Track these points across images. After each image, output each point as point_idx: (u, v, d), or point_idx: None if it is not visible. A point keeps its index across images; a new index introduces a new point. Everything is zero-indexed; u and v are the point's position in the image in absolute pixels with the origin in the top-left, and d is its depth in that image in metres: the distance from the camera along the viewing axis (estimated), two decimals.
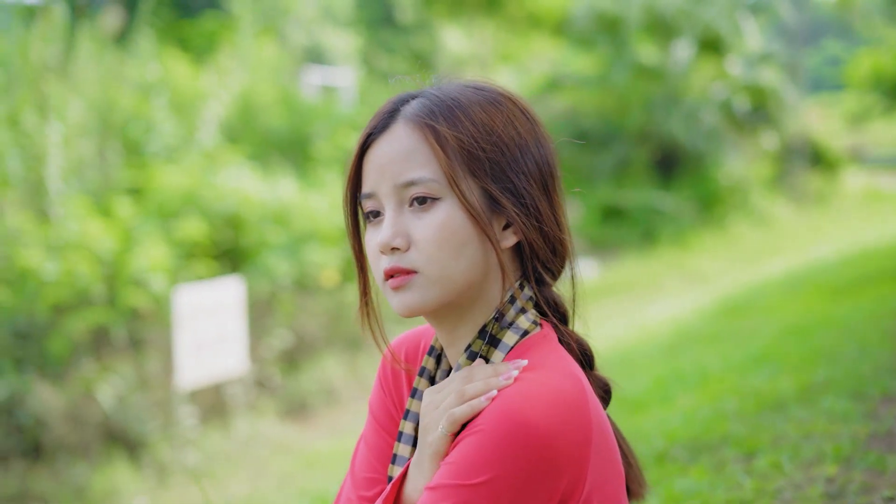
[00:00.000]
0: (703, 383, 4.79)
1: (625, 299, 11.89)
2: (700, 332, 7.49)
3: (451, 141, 1.89)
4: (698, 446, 3.59)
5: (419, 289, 1.90)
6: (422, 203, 1.89)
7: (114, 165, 11.80)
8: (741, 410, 3.96)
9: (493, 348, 1.93)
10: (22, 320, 10.17)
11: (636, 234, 14.83)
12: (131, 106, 12.25)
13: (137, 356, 10.39)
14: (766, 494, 3.05)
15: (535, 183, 1.95)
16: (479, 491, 1.73)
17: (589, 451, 1.79)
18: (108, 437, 9.80)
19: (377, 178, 1.93)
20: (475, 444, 1.76)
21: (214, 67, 13.96)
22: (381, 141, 1.95)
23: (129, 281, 10.37)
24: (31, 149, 11.03)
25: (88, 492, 9.08)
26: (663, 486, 3.23)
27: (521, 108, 2.00)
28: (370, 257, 1.97)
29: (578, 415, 1.79)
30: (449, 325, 1.97)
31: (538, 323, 1.97)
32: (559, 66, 18.22)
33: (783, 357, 5.20)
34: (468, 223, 1.89)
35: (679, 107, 16.03)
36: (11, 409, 9.65)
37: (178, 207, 11.22)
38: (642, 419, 4.33)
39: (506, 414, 1.75)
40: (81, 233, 10.36)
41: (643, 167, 16.04)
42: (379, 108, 2.00)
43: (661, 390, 4.94)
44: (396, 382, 2.18)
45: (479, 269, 1.92)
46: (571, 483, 1.77)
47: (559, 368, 1.85)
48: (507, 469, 1.73)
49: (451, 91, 1.97)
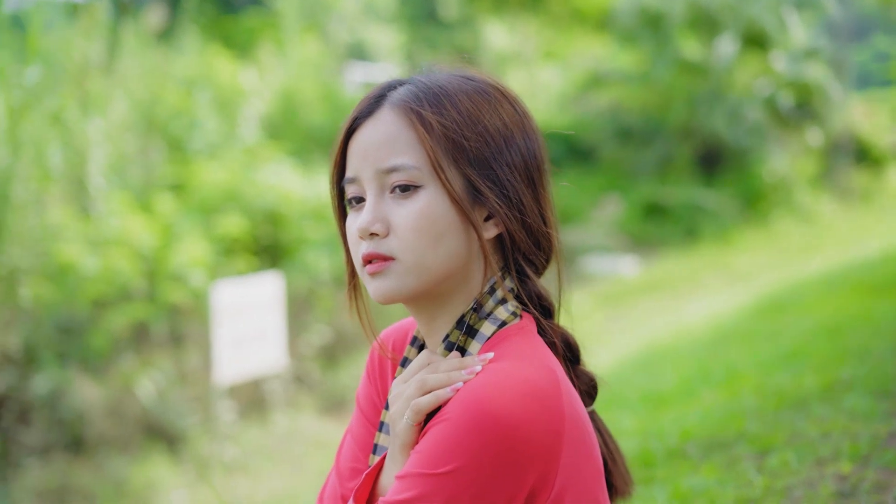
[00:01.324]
0: (729, 381, 4.75)
1: (665, 297, 11.82)
2: (737, 331, 7.44)
3: (435, 128, 1.88)
4: (712, 444, 3.56)
5: (396, 276, 1.89)
6: (403, 190, 1.88)
7: (156, 162, 11.89)
8: (760, 408, 3.93)
9: (470, 338, 1.92)
10: (64, 315, 10.27)
11: (678, 232, 14.74)
12: (174, 102, 12.34)
13: (177, 351, 10.47)
14: (776, 492, 3.02)
15: (520, 175, 1.93)
16: (445, 480, 1.72)
17: (560, 444, 1.77)
18: (147, 432, 9.87)
19: (360, 164, 1.93)
20: (441, 433, 1.75)
21: (257, 64, 14.02)
22: (366, 126, 1.94)
23: (169, 276, 10.45)
24: (73, 145, 11.12)
25: (128, 485, 9.16)
26: (672, 484, 3.22)
27: (510, 100, 1.99)
28: (350, 242, 1.96)
29: (549, 407, 1.77)
30: (428, 315, 1.96)
31: (518, 315, 1.95)
32: (602, 62, 18.14)
33: (811, 355, 5.15)
34: (449, 212, 1.88)
35: (723, 103, 15.91)
36: (54, 403, 9.74)
37: (219, 203, 11.29)
38: (662, 416, 4.31)
39: (472, 403, 1.74)
40: (122, 228, 10.44)
41: (686, 164, 15.95)
42: (367, 93, 2.00)
43: (686, 387, 4.91)
44: (383, 373, 2.18)
45: (459, 259, 1.90)
46: (541, 476, 1.76)
47: (532, 359, 1.84)
48: (473, 459, 1.71)
49: (439, 79, 1.96)
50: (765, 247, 14.06)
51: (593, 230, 14.89)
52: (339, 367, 11.07)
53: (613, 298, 12.19)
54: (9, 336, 10.11)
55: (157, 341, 10.49)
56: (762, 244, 14.21)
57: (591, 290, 12.70)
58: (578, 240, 14.62)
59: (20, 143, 10.66)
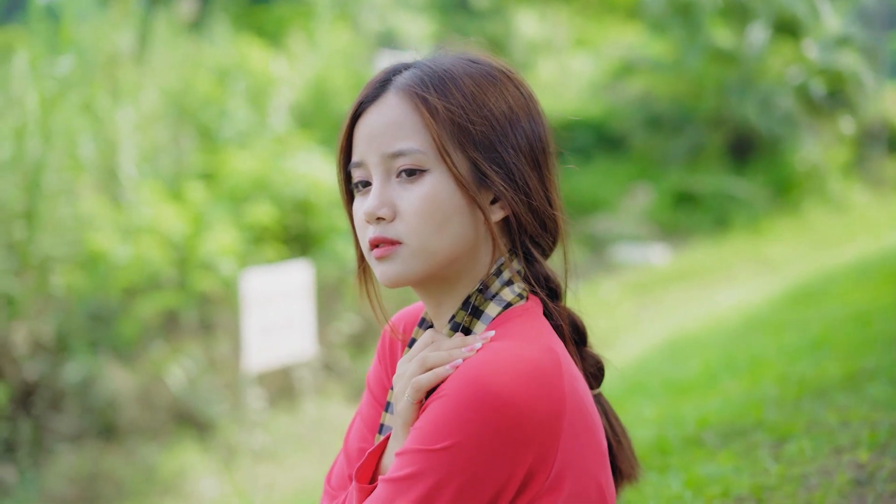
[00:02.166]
0: (752, 369, 4.74)
1: (695, 286, 11.79)
2: (764, 320, 7.41)
3: (440, 112, 1.89)
4: (730, 431, 3.56)
5: (403, 260, 1.90)
6: (409, 174, 1.90)
7: (186, 151, 11.95)
8: (781, 396, 3.91)
9: (475, 319, 1.93)
10: (95, 303, 10.34)
11: (709, 221, 14.67)
12: (205, 92, 12.38)
13: (207, 339, 10.53)
14: (791, 480, 3.02)
15: (525, 158, 1.94)
16: (442, 456, 1.73)
17: (560, 425, 1.78)
18: (177, 419, 9.94)
19: (366, 148, 1.94)
20: (438, 409, 1.76)
21: (287, 53, 14.06)
22: (371, 110, 1.95)
23: (199, 265, 10.51)
24: (105, 135, 11.19)
25: (158, 472, 9.22)
26: (686, 471, 3.22)
27: (515, 82, 2.00)
28: (357, 226, 1.97)
29: (549, 387, 1.77)
30: (436, 298, 1.98)
31: (524, 297, 1.96)
32: (633, 50, 18.07)
33: (837, 344, 5.13)
34: (455, 196, 1.89)
35: (754, 91, 15.82)
36: (85, 391, 9.82)
37: (249, 192, 11.33)
38: (683, 403, 4.30)
39: (470, 380, 1.75)
40: (153, 217, 10.51)
41: (717, 152, 15.87)
42: (372, 77, 2.00)
43: (708, 376, 4.90)
44: (393, 356, 2.20)
45: (465, 243, 1.92)
46: (540, 456, 1.76)
47: (534, 340, 1.85)
48: (469, 435, 1.72)
49: (444, 62, 1.97)
50: (796, 236, 13.99)
51: (623, 219, 14.85)
52: (368, 355, 11.09)
53: (643, 287, 12.16)
54: (41, 324, 10.20)
55: (187, 329, 10.55)
56: (793, 233, 14.13)
57: (620, 279, 12.67)
58: (608, 228, 14.58)
59: (52, 133, 10.73)
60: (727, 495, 3.00)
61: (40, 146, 10.58)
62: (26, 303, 10.12)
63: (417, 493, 1.74)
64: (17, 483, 9.09)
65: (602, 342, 8.44)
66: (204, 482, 8.87)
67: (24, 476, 9.15)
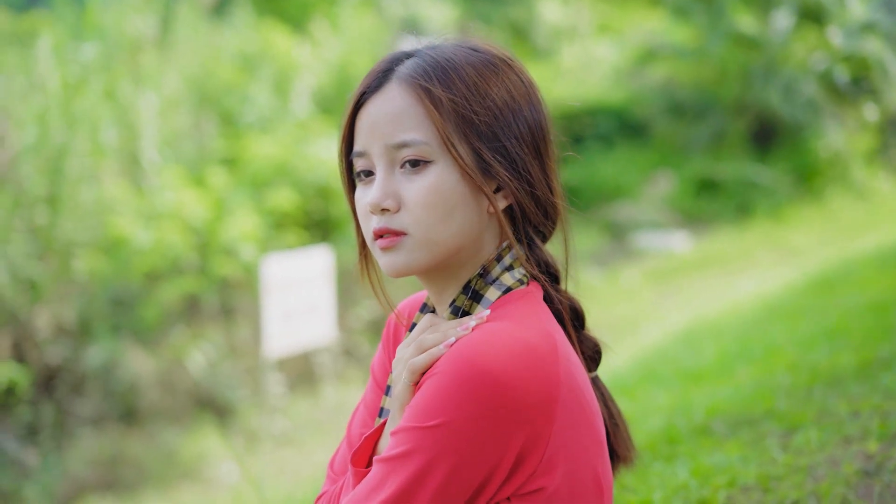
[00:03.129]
0: (766, 358, 4.73)
1: (717, 274, 11.75)
2: (783, 307, 7.38)
3: (444, 103, 1.90)
4: (740, 421, 3.55)
5: (408, 251, 1.92)
6: (414, 165, 1.91)
7: (209, 136, 11.97)
8: (792, 385, 3.90)
9: (475, 303, 1.95)
10: (117, 288, 10.39)
11: (731, 208, 14.62)
12: (227, 77, 12.40)
13: (227, 324, 10.58)
14: (798, 470, 3.02)
15: (528, 147, 1.95)
16: (435, 433, 1.74)
17: (554, 408, 1.78)
18: (198, 404, 9.99)
19: (369, 138, 1.95)
20: (431, 387, 1.78)
21: (310, 39, 14.06)
22: (374, 100, 1.96)
23: (221, 250, 10.54)
24: (127, 120, 11.23)
25: (178, 456, 9.27)
26: (694, 460, 3.22)
27: (516, 70, 2.01)
28: (360, 215, 1.99)
29: (543, 369, 1.79)
30: (438, 285, 2.00)
31: (524, 282, 1.98)
32: (656, 36, 17.99)
33: (852, 332, 5.11)
34: (459, 187, 1.90)
35: (777, 77, 15.71)
36: (107, 375, 9.88)
37: (271, 177, 11.35)
38: (694, 392, 4.30)
39: (463, 358, 1.76)
40: (175, 202, 10.54)
41: (739, 139, 15.79)
42: (373, 67, 2.01)
43: (723, 364, 4.89)
44: (397, 343, 2.22)
45: (470, 232, 1.93)
46: (532, 437, 1.77)
47: (531, 322, 1.86)
48: (461, 413, 1.74)
49: (446, 51, 1.98)
50: (819, 223, 13.92)
51: (645, 206, 14.81)
52: None
53: (664, 275, 12.13)
54: (64, 308, 10.26)
55: (208, 314, 10.60)
56: (816, 221, 14.06)
57: (641, 266, 12.65)
58: (630, 215, 14.55)
59: (75, 118, 10.77)
60: (733, 485, 3.01)
61: (63, 131, 10.63)
62: (49, 287, 10.18)
63: (410, 471, 1.75)
64: (39, 466, 9.15)
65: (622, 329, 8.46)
66: (224, 467, 8.91)
67: (47, 459, 9.22)
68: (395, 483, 1.76)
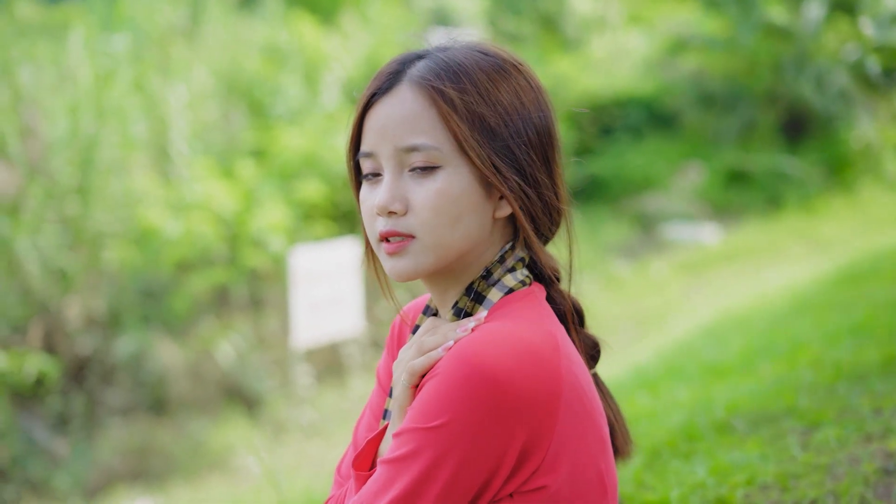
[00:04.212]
0: (790, 353, 4.70)
1: (746, 266, 11.69)
2: (810, 301, 7.32)
3: (459, 108, 1.89)
4: (760, 417, 3.53)
5: (414, 255, 1.91)
6: (422, 169, 1.90)
7: (238, 128, 12.01)
8: (815, 382, 3.87)
9: (477, 304, 1.95)
10: (146, 279, 10.46)
11: (761, 199, 14.50)
12: (257, 69, 12.43)
13: (256, 315, 10.62)
14: (817, 468, 3.00)
15: (536, 152, 1.95)
16: (437, 434, 1.75)
17: (556, 406, 1.79)
18: (226, 394, 10.04)
19: (378, 140, 1.94)
20: (432, 388, 1.78)
21: (339, 30, 14.07)
22: (384, 101, 1.95)
23: (249, 241, 10.58)
24: (156, 112, 11.29)
25: (207, 446, 9.31)
26: (712, 458, 3.21)
27: (526, 76, 2.00)
28: (365, 216, 1.98)
29: (544, 368, 1.79)
30: (441, 287, 2.00)
31: (527, 283, 1.99)
32: (686, 27, 17.90)
33: (879, 327, 5.05)
34: (468, 192, 1.90)
35: (809, 68, 15.59)
36: (136, 365, 9.94)
37: (299, 169, 11.38)
38: (716, 387, 4.28)
39: (463, 358, 1.76)
40: (204, 194, 10.59)
41: (770, 130, 15.67)
42: (382, 67, 2.00)
43: (746, 359, 4.87)
44: (402, 346, 2.21)
45: (475, 237, 1.93)
46: (534, 435, 1.78)
47: (532, 322, 1.87)
48: (462, 412, 1.74)
49: (457, 55, 1.97)
50: (850, 215, 13.81)
51: (674, 197, 14.74)
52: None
53: (693, 266, 12.08)
54: (94, 299, 10.33)
55: (237, 305, 10.64)
56: (848, 213, 13.95)
57: (671, 258, 12.60)
58: (659, 207, 14.49)
59: (105, 110, 10.84)
60: (752, 483, 2.99)
61: (94, 123, 10.69)
62: (79, 278, 10.26)
63: (415, 472, 1.76)
64: (69, 455, 9.22)
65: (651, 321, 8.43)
66: (251, 458, 8.93)
67: (77, 449, 9.29)
68: (400, 484, 1.77)
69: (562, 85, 16.08)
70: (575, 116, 15.91)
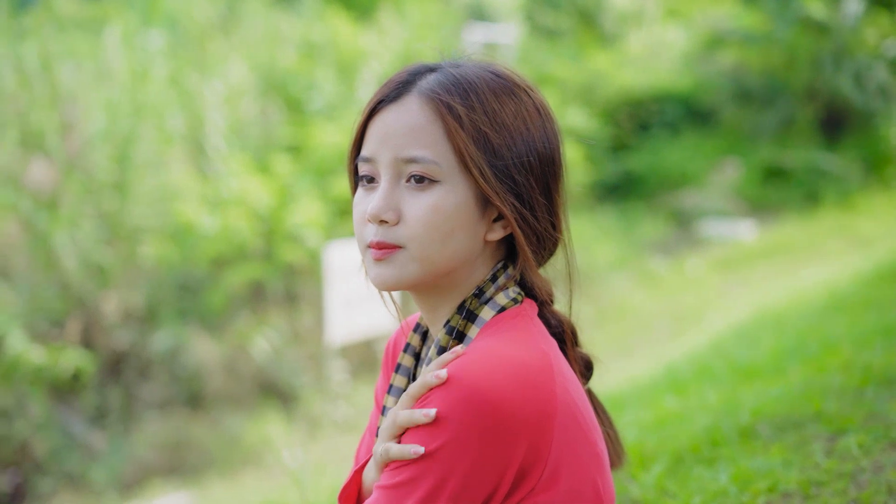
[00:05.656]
0: (821, 355, 4.66)
1: (783, 263, 11.62)
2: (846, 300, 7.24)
3: (465, 126, 1.89)
4: (785, 423, 3.50)
5: (399, 265, 1.90)
6: (419, 181, 1.89)
7: (274, 123, 12.05)
8: (843, 386, 3.83)
9: (469, 323, 1.94)
10: (183, 273, 10.52)
11: (798, 196, 14.42)
12: (293, 65, 12.46)
13: (291, 310, 10.64)
14: (842, 476, 2.98)
15: (536, 180, 1.94)
16: (434, 459, 1.74)
17: (551, 425, 1.79)
18: (261, 389, 10.08)
19: (378, 146, 1.93)
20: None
21: (376, 26, 14.09)
22: (390, 109, 1.94)
23: (285, 236, 10.61)
24: (192, 107, 11.34)
25: (242, 441, 9.35)
26: (735, 464, 3.19)
27: (536, 102, 1.99)
28: (355, 220, 1.97)
29: (537, 387, 1.79)
30: (430, 303, 1.99)
31: (519, 301, 1.98)
32: (725, 22, 17.80)
33: None
34: (462, 210, 1.90)
35: (848, 63, 15.49)
36: (173, 360, 10.00)
37: (335, 165, 11.39)
38: (744, 390, 4.26)
39: (457, 380, 1.75)
40: (240, 189, 10.63)
41: (808, 126, 15.57)
42: (393, 76, 1.99)
43: (777, 361, 4.83)
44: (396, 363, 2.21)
45: (465, 255, 1.93)
46: (531, 454, 1.77)
47: (524, 341, 1.86)
48: (458, 435, 1.73)
49: (468, 72, 1.96)
50: (889, 212, 13.69)
51: (711, 194, 14.68)
52: None
53: (730, 264, 12.03)
54: (131, 294, 10.40)
55: (272, 300, 10.68)
56: (887, 209, 13.83)
57: (707, 255, 12.56)
58: (696, 203, 14.44)
59: (142, 105, 10.91)
60: (774, 490, 2.98)
61: (131, 119, 10.77)
62: (116, 273, 10.33)
63: (417, 498, 1.76)
64: (106, 449, 9.30)
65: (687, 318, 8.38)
66: (286, 453, 8.97)
67: (114, 443, 9.36)
68: None
69: (599, 81, 16.05)
70: (612, 112, 15.87)
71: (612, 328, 10.34)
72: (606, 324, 10.51)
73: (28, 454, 9.22)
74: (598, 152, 14.59)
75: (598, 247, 12.27)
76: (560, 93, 14.64)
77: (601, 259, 12.06)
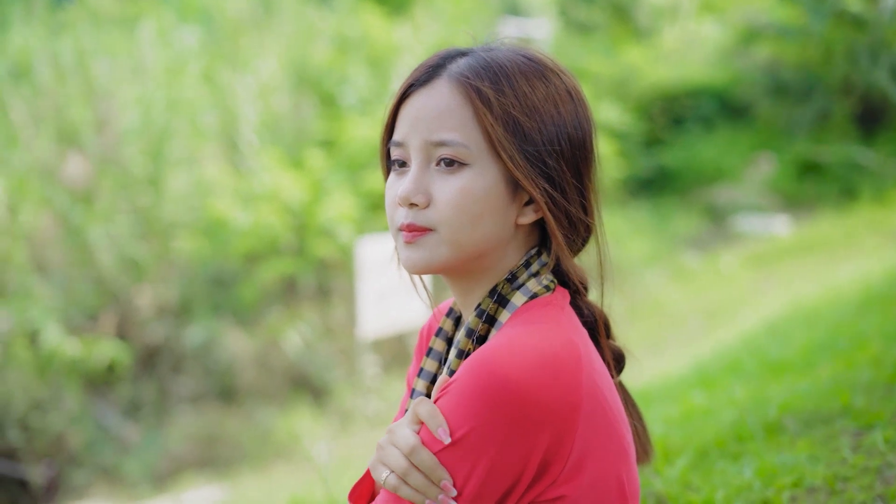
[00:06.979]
0: (851, 350, 4.63)
1: (818, 258, 11.54)
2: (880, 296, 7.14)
3: (494, 110, 1.89)
4: (813, 418, 3.47)
5: (430, 247, 1.91)
6: (449, 164, 1.90)
7: (307, 118, 12.07)
8: (872, 381, 3.80)
9: (500, 307, 1.95)
10: (216, 268, 10.56)
11: (834, 191, 14.30)
12: (326, 59, 12.48)
13: (323, 305, 10.67)
14: (868, 472, 2.95)
15: (567, 164, 1.94)
16: (459, 447, 1.74)
17: (576, 415, 1.78)
18: (293, 383, 10.11)
19: (409, 130, 1.94)
20: (451, 400, 1.76)
21: (410, 21, 14.08)
22: (421, 93, 1.95)
23: (318, 231, 10.62)
24: (225, 103, 11.38)
25: (274, 435, 9.39)
26: (760, 459, 3.17)
27: (568, 87, 1.98)
28: (387, 203, 1.98)
29: (564, 376, 1.78)
30: (463, 287, 1.99)
31: (551, 288, 1.97)
32: (760, 16, 17.67)
33: None
34: (491, 193, 1.90)
35: (885, 58, 15.35)
36: (205, 354, 10.05)
37: (367, 159, 11.40)
38: (772, 386, 4.22)
39: (482, 367, 1.75)
40: (273, 184, 10.65)
41: (844, 121, 15.43)
42: (425, 60, 2.00)
43: (807, 356, 4.79)
44: None
45: (496, 239, 1.93)
46: (554, 443, 1.77)
47: (553, 329, 1.85)
48: (483, 422, 1.73)
49: (500, 56, 1.96)
50: None
51: (746, 189, 14.59)
52: None
53: (765, 259, 11.95)
54: (165, 288, 10.46)
55: (305, 295, 10.70)
56: None
57: (742, 250, 12.48)
58: (730, 198, 14.36)
59: (176, 101, 10.96)
60: (799, 485, 2.95)
61: (165, 114, 10.82)
62: (151, 267, 10.39)
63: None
64: (140, 442, 9.36)
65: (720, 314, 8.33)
66: (318, 446, 8.99)
67: (147, 436, 9.42)
68: None
69: (633, 75, 15.99)
70: (646, 107, 15.81)
71: (645, 324, 10.30)
72: (639, 320, 10.47)
73: (62, 447, 9.29)
74: (632, 147, 14.51)
75: (631, 242, 12.22)
76: (594, 87, 14.59)
77: (634, 254, 12.01)
